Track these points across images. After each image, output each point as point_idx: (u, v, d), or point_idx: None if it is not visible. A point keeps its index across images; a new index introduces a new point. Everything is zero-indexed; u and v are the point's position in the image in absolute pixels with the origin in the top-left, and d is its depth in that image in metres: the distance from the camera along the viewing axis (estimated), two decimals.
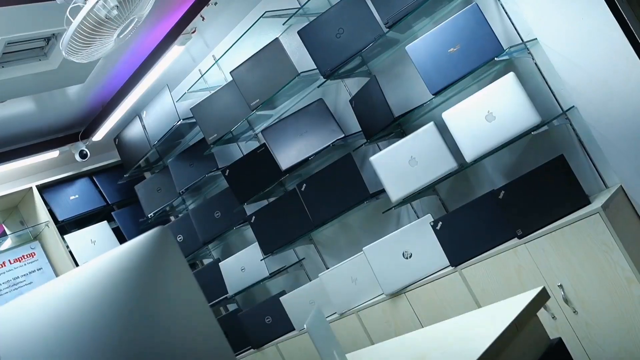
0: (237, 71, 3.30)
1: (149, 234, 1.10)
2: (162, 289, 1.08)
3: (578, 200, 2.42)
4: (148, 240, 1.10)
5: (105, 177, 4.32)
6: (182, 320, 1.08)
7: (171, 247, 1.10)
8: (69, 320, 1.03)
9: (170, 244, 1.11)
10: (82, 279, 1.10)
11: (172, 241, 1.11)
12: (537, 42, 2.59)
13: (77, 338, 1.03)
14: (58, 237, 3.90)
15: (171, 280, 1.09)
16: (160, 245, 1.10)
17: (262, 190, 3.43)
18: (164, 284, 1.08)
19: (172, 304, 1.08)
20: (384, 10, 2.73)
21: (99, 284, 1.08)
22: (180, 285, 1.09)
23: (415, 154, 2.76)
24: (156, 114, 3.86)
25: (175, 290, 1.09)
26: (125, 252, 1.11)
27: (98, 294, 1.07)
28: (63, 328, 1.03)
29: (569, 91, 2.56)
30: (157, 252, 1.10)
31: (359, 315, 3.09)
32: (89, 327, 1.04)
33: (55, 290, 1.07)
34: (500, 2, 2.67)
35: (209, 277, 3.96)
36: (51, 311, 1.02)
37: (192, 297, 1.10)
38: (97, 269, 1.10)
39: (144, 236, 1.10)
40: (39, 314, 1.04)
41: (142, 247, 1.10)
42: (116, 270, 1.09)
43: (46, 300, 1.04)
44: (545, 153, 2.70)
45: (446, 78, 2.59)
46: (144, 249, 1.10)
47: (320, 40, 2.95)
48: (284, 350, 3.54)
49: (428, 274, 2.82)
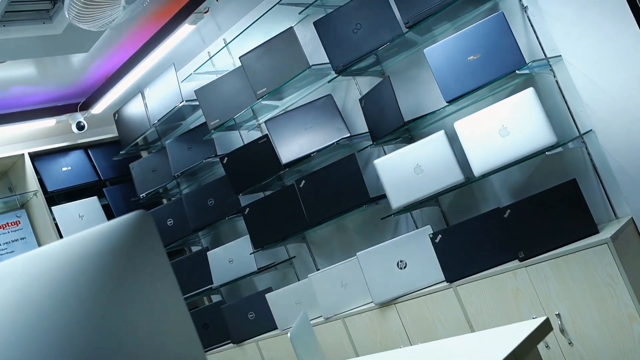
0: (246, 57, 3.19)
1: (128, 217, 1.01)
2: (134, 277, 0.99)
3: (586, 228, 2.32)
4: (126, 223, 1.01)
5: (100, 151, 4.21)
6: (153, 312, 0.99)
7: (150, 233, 1.01)
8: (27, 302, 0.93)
9: (150, 230, 1.01)
10: (49, 259, 1.00)
11: (152, 227, 1.01)
12: (561, 59, 2.49)
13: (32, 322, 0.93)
14: (45, 207, 3.80)
15: (146, 269, 0.99)
16: (138, 231, 1.01)
17: (260, 182, 3.33)
18: (138, 273, 0.99)
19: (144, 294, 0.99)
20: (405, 10, 2.62)
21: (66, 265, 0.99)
22: (155, 276, 1.00)
23: (421, 161, 2.66)
24: (159, 93, 3.75)
25: (149, 281, 0.99)
26: (100, 234, 1.02)
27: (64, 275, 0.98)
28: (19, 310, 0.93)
29: (588, 114, 2.46)
30: (135, 238, 1.00)
31: (345, 321, 2.99)
32: (48, 310, 0.95)
33: (17, 268, 0.97)
34: (527, 14, 2.57)
35: (196, 265, 3.86)
36: (6, 291, 0.91)
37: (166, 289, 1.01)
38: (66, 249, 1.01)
39: (122, 219, 1.01)
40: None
41: (118, 231, 1.01)
42: (88, 253, 1.00)
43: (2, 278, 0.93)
44: (557, 175, 2.59)
45: (463, 86, 2.48)
46: (120, 233, 1.01)
47: (336, 34, 2.84)
48: (264, 349, 3.44)
49: (421, 287, 2.72)
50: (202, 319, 3.77)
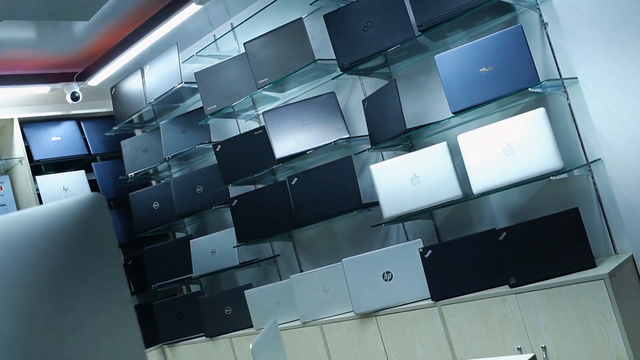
0: (251, 44, 3.07)
1: (81, 199, 0.92)
2: (80, 260, 0.91)
3: (583, 261, 2.21)
4: (80, 205, 0.91)
5: (93, 125, 4.09)
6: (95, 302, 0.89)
7: (102, 218, 0.91)
8: None
9: (102, 214, 0.91)
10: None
11: (104, 212, 0.92)
12: (577, 82, 2.38)
13: None
14: (30, 176, 3.68)
15: (94, 253, 0.91)
16: (91, 214, 0.91)
17: (251, 174, 3.22)
18: (84, 256, 0.91)
19: (87, 282, 0.89)
20: (420, 12, 2.51)
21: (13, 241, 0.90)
22: (103, 264, 0.92)
23: (419, 172, 2.54)
24: (159, 71, 3.63)
25: (95, 269, 0.90)
26: (51, 212, 0.93)
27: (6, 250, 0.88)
28: None
29: (599, 141, 2.35)
30: (86, 221, 0.91)
31: (322, 328, 2.88)
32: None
33: None
34: (546, 31, 2.45)
35: (178, 252, 3.76)
36: None
37: (113, 279, 0.91)
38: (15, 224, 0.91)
39: (76, 199, 0.92)
40: None
41: (71, 211, 0.92)
42: (36, 230, 0.92)
43: None
44: (559, 202, 2.48)
45: (471, 98, 2.37)
46: (72, 214, 0.92)
47: (346, 30, 2.73)
48: (237, 346, 3.34)
49: (405, 302, 2.62)
50: (178, 308, 3.66)
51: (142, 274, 3.89)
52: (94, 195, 0.92)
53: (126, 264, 3.98)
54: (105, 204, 0.93)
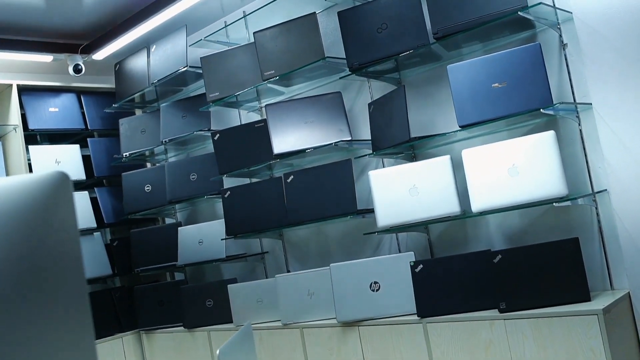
0: (261, 34, 2.99)
1: (46, 176, 0.84)
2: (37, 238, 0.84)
3: (578, 294, 2.14)
4: (42, 182, 0.84)
5: (93, 99, 4.00)
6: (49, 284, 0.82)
7: (65, 196, 0.83)
8: None
9: (66, 195, 0.83)
10: None
11: (69, 193, 0.84)
12: (590, 108, 2.30)
13: None
14: (22, 145, 3.59)
15: (52, 236, 0.84)
16: (53, 191, 0.84)
17: (247, 167, 3.14)
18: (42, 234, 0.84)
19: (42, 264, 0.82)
20: (437, 19, 2.43)
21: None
22: (61, 246, 0.87)
23: (419, 183, 2.46)
24: (165, 52, 3.55)
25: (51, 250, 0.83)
26: (12, 186, 0.86)
27: None
28: None
29: (607, 171, 2.27)
30: (48, 197, 0.84)
31: (303, 332, 2.80)
32: None
33: None
34: (564, 52, 2.37)
35: (165, 238, 3.68)
36: None
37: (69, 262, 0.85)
38: None
39: (40, 175, 0.84)
40: None
41: (33, 186, 0.85)
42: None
43: None
44: (559, 229, 2.40)
45: (480, 113, 2.29)
46: (34, 189, 0.86)
47: (359, 29, 2.65)
48: (215, 340, 3.26)
49: (390, 315, 2.54)
50: (159, 296, 3.59)
51: (127, 256, 3.81)
52: (59, 174, 0.85)
53: (111, 244, 3.90)
54: (71, 184, 0.85)
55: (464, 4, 2.36)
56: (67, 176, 0.84)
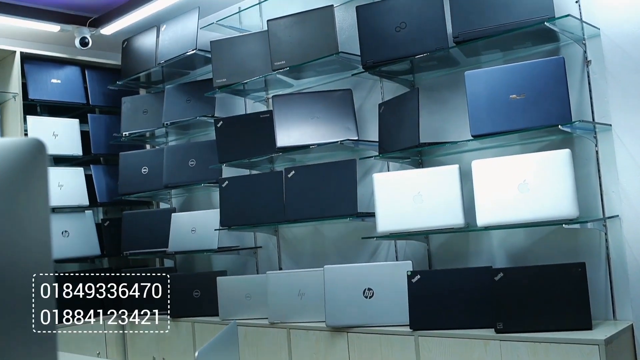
0: (275, 22, 2.90)
1: (21, 142, 0.76)
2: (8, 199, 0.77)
3: (580, 321, 2.05)
4: (18, 146, 0.76)
5: (97, 74, 3.91)
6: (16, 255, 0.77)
7: (39, 163, 0.75)
8: None
9: (40, 160, 0.75)
10: None
11: (42, 158, 0.76)
12: (610, 129, 2.21)
13: None
14: (20, 115, 3.50)
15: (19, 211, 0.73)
16: (28, 157, 0.76)
17: (248, 158, 3.05)
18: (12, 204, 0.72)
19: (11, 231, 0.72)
20: (458, 22, 2.33)
21: None
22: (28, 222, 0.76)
23: (424, 191, 2.37)
24: (175, 33, 3.46)
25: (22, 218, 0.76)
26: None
27: None
28: None
29: (620, 196, 2.18)
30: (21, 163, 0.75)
31: (290, 332, 2.72)
32: None
33: None
34: (587, 69, 2.28)
35: (158, 223, 3.58)
36: None
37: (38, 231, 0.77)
38: None
39: (16, 140, 0.77)
40: None
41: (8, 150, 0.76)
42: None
43: None
44: (565, 252, 2.31)
45: (495, 124, 2.20)
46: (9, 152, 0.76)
47: (377, 26, 2.55)
48: (198, 332, 3.17)
49: (381, 324, 2.45)
50: (144, 281, 3.49)
51: (117, 238, 3.71)
52: (34, 141, 0.76)
53: (102, 224, 3.81)
54: (45, 153, 0.76)
55: (489, 9, 2.27)
56: (44, 145, 0.75)
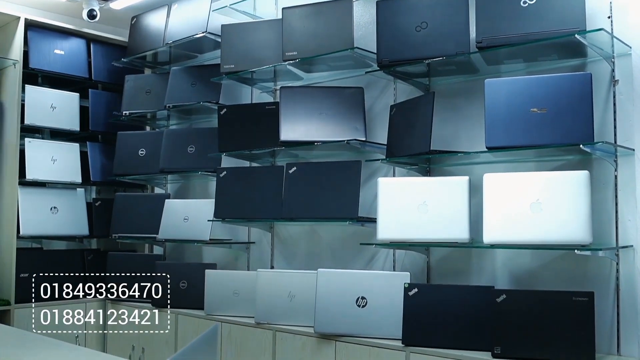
0: (290, 11, 2.78)
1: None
2: None
3: (582, 354, 1.95)
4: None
5: (103, 49, 3.79)
6: None
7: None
8: None
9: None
10: None
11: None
12: (632, 154, 2.10)
13: None
14: (19, 83, 3.38)
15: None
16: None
17: (250, 149, 2.94)
18: None
19: None
20: (483, 27, 2.21)
21: None
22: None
23: (430, 201, 2.25)
24: (186, 14, 3.34)
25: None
26: None
27: None
28: None
29: (637, 226, 2.07)
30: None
31: (276, 335, 2.61)
32: None
33: None
34: (614, 89, 2.16)
35: (150, 207, 3.48)
36: None
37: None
38: None
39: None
40: None
41: None
42: None
43: None
44: (572, 279, 2.19)
45: (512, 137, 2.08)
46: None
47: (396, 24, 2.44)
48: (181, 325, 3.07)
49: (372, 335, 2.35)
50: (133, 267, 3.37)
51: (107, 219, 3.60)
52: None
53: (93, 203, 3.70)
54: None
55: (516, 16, 2.15)
56: None
